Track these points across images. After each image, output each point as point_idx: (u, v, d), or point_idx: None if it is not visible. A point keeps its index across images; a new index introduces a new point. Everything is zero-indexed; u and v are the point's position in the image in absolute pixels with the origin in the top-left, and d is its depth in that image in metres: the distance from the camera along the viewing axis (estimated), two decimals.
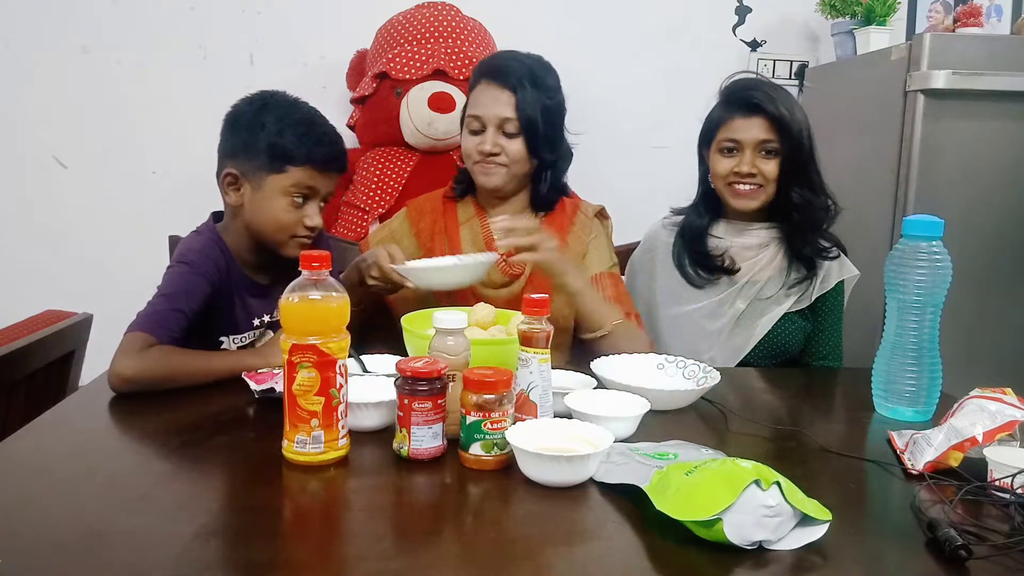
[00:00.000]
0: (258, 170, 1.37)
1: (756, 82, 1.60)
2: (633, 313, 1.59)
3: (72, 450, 1.03)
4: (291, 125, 1.36)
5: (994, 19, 2.78)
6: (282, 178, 1.36)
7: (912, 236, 1.20)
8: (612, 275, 1.63)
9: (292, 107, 1.40)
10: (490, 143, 1.54)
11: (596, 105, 2.78)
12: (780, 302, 1.61)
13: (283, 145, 1.35)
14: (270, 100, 1.40)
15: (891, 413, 1.23)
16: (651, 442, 1.05)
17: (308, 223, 1.39)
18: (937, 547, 0.80)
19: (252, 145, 1.36)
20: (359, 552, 0.79)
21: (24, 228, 2.68)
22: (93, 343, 1.57)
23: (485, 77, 1.56)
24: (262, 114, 1.37)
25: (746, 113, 1.54)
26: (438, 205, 1.68)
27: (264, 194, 1.37)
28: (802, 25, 2.93)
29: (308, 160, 1.37)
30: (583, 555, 0.80)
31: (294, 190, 1.37)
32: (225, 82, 2.62)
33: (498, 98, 1.53)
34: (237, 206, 1.40)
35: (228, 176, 1.39)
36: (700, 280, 1.64)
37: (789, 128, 1.52)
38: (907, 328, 1.22)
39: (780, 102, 1.53)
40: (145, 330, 1.22)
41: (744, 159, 1.55)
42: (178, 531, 0.81)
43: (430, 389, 0.97)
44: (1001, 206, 2.26)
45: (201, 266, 1.35)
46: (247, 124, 1.38)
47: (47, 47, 2.62)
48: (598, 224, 1.67)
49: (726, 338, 1.61)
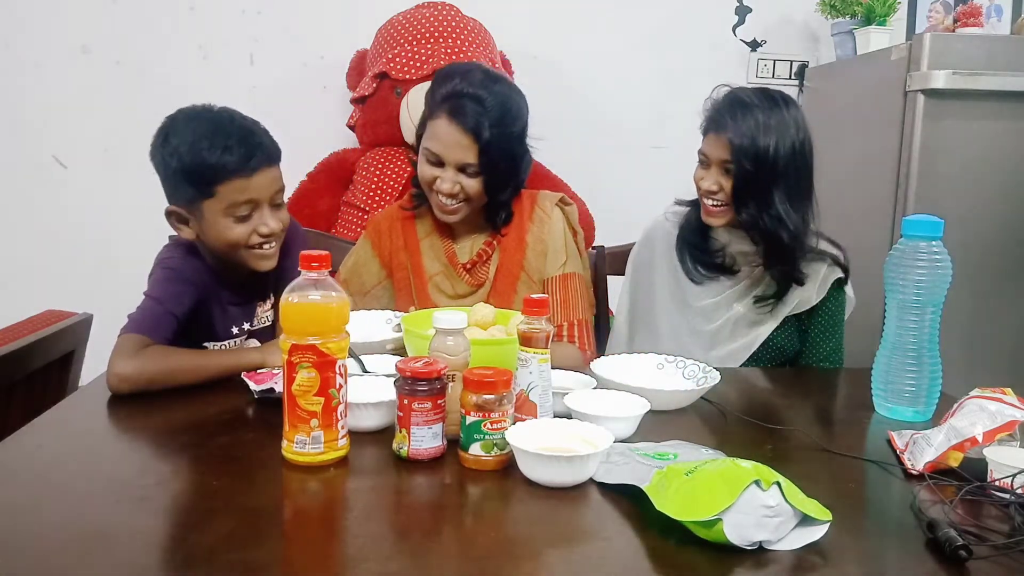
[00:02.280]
0: (191, 201, 1.30)
1: (733, 99, 1.54)
2: (574, 321, 1.55)
3: (72, 450, 1.03)
4: (194, 144, 1.26)
5: (994, 19, 2.78)
6: (214, 202, 1.28)
7: (912, 236, 1.20)
8: (564, 278, 1.58)
9: (190, 122, 1.30)
10: (449, 183, 1.48)
11: (596, 105, 2.80)
12: (778, 310, 1.59)
13: (195, 169, 1.26)
14: (170, 126, 1.31)
15: (891, 413, 1.23)
16: (651, 442, 1.05)
17: (262, 231, 1.32)
18: (937, 547, 0.79)
19: (172, 178, 1.29)
20: (359, 552, 0.79)
21: (24, 228, 2.68)
22: (93, 343, 1.57)
23: (446, 113, 1.46)
24: (166, 144, 1.28)
25: (716, 130, 1.53)
26: (396, 223, 1.65)
27: (207, 221, 1.30)
28: (802, 25, 2.93)
29: (229, 172, 1.26)
30: (583, 555, 0.80)
31: (231, 209, 1.29)
32: (225, 82, 2.64)
33: (459, 141, 1.45)
34: (194, 239, 1.35)
35: (172, 215, 1.33)
36: (699, 277, 1.63)
37: (744, 152, 1.48)
38: (907, 328, 1.22)
39: (746, 127, 1.48)
40: (140, 331, 1.22)
41: (709, 175, 1.54)
42: (178, 531, 0.81)
43: (430, 389, 0.97)
44: (1001, 206, 2.26)
45: (184, 272, 1.34)
46: (161, 160, 1.30)
47: (47, 47, 2.62)
48: (558, 214, 1.61)
49: (723, 341, 1.61)
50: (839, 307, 1.63)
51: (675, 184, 1.74)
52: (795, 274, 1.56)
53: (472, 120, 1.44)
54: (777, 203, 1.51)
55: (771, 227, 1.51)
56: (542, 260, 1.59)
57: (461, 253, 1.61)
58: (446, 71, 1.55)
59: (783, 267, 1.56)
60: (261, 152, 1.30)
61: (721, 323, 1.60)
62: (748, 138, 1.48)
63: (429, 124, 1.51)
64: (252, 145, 1.29)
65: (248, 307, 1.46)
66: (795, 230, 1.52)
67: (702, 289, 1.63)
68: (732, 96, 1.56)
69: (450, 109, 1.46)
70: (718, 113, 1.54)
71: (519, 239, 1.59)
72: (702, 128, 1.58)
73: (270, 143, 1.33)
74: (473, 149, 1.46)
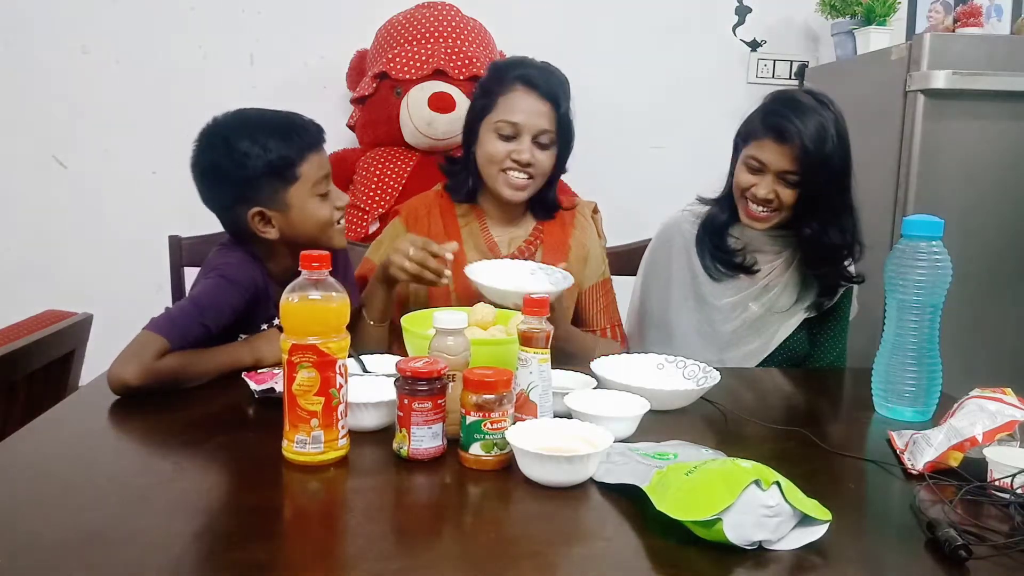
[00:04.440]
0: (274, 194, 1.33)
1: (797, 106, 1.47)
2: (615, 324, 1.63)
3: (72, 450, 1.03)
4: (264, 136, 1.31)
5: (994, 19, 2.78)
6: (299, 185, 1.33)
7: (912, 236, 1.20)
8: (604, 283, 1.66)
9: (248, 122, 1.34)
10: (528, 153, 1.52)
11: (596, 105, 2.79)
12: (795, 312, 1.59)
13: (277, 158, 1.31)
14: (227, 132, 1.34)
15: (891, 413, 1.23)
16: (651, 442, 1.05)
17: (339, 204, 1.39)
18: (937, 547, 0.80)
19: (252, 179, 1.31)
20: (359, 552, 0.79)
21: (24, 228, 2.68)
22: (93, 343, 1.56)
23: (522, 83, 1.52)
24: (233, 149, 1.31)
25: (778, 139, 1.47)
26: (434, 207, 1.64)
27: (295, 208, 1.34)
28: (802, 25, 2.93)
29: (305, 150, 1.34)
30: (583, 555, 0.80)
31: (315, 187, 1.35)
32: (225, 82, 2.64)
33: (538, 109, 1.52)
34: (277, 239, 1.36)
35: (255, 217, 1.34)
36: (718, 274, 1.61)
37: (813, 164, 1.44)
38: (907, 328, 1.22)
39: (812, 134, 1.43)
40: (163, 333, 1.19)
41: (764, 182, 1.49)
42: (178, 531, 0.81)
43: (430, 389, 0.97)
44: (1001, 206, 2.27)
45: (240, 280, 1.33)
46: (229, 167, 1.31)
47: (47, 47, 2.62)
48: (593, 224, 1.68)
49: (739, 342, 1.60)
50: (847, 311, 1.65)
51: (675, 184, 1.74)
52: (845, 274, 1.57)
53: (551, 88, 1.52)
54: (842, 216, 1.51)
55: (833, 240, 1.51)
56: (582, 265, 1.62)
57: (501, 245, 1.61)
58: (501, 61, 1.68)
59: (830, 269, 1.56)
60: (319, 128, 1.39)
61: (739, 323, 1.60)
62: (816, 151, 1.43)
63: (501, 100, 1.53)
64: (311, 124, 1.38)
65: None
66: (852, 240, 1.53)
67: (721, 287, 1.61)
68: (792, 101, 1.49)
69: (527, 79, 1.53)
70: (782, 124, 1.46)
71: (563, 241, 1.62)
72: (756, 129, 1.51)
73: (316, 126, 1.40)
74: (552, 117, 1.52)
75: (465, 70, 2.34)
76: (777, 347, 1.60)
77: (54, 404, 1.20)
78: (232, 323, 1.32)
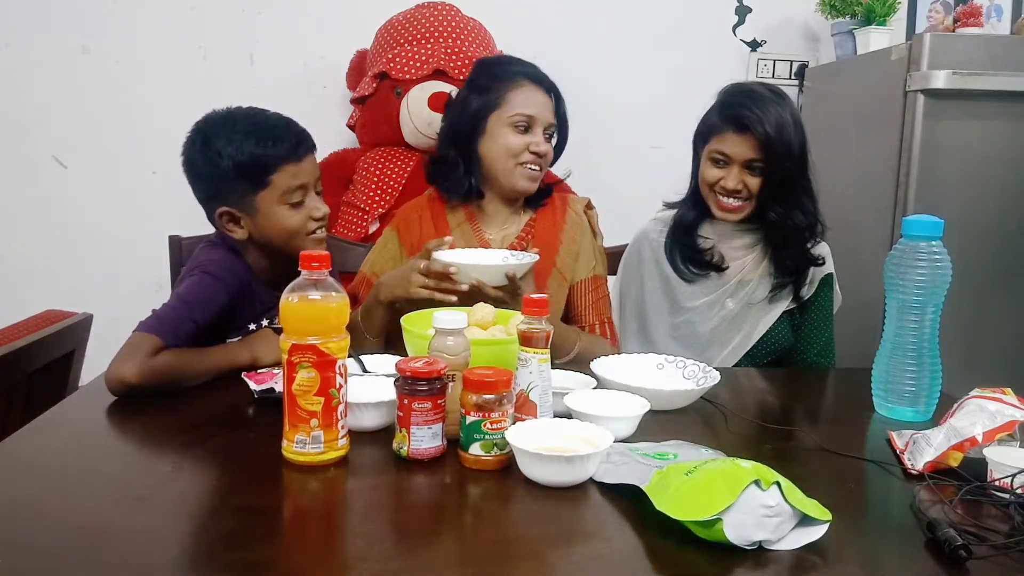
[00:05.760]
0: (244, 196, 1.34)
1: (753, 96, 1.53)
2: (604, 320, 1.63)
3: (72, 450, 1.03)
4: (242, 138, 1.31)
5: (994, 19, 2.79)
6: (269, 191, 1.34)
7: (912, 236, 1.20)
8: (595, 279, 1.66)
9: (232, 121, 1.34)
10: (545, 144, 1.57)
11: (595, 105, 2.79)
12: (774, 304, 1.61)
13: (250, 162, 1.31)
14: (208, 128, 1.35)
15: (891, 413, 1.23)
16: (651, 442, 1.05)
17: (316, 215, 1.38)
18: (937, 547, 0.80)
19: (223, 178, 1.32)
20: (359, 552, 0.79)
21: (24, 228, 2.68)
22: (93, 343, 1.57)
23: (527, 79, 1.57)
24: (210, 145, 1.32)
25: (738, 130, 1.51)
26: (425, 211, 1.64)
27: (263, 213, 1.35)
28: (802, 25, 2.93)
29: (281, 160, 1.33)
30: (583, 555, 0.80)
31: (286, 195, 1.34)
32: (225, 82, 2.64)
33: (545, 103, 1.58)
34: (245, 239, 1.38)
35: (223, 216, 1.36)
36: (690, 275, 1.64)
37: (776, 150, 1.50)
38: (907, 328, 1.22)
39: (772, 121, 1.49)
40: (155, 332, 1.20)
41: (731, 174, 1.54)
42: (178, 531, 0.81)
43: (430, 389, 0.97)
44: (1001, 206, 2.27)
45: (223, 277, 1.34)
46: (204, 163, 1.33)
47: (47, 47, 2.62)
48: (585, 220, 1.68)
49: (720, 339, 1.61)
50: (829, 302, 1.67)
51: (675, 184, 1.74)
52: (809, 256, 1.59)
53: (551, 83, 1.60)
54: (803, 198, 1.56)
55: (797, 222, 1.55)
56: (573, 261, 1.63)
57: (494, 244, 1.62)
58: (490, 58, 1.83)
59: (796, 250, 1.58)
60: (305, 139, 1.38)
61: (717, 321, 1.61)
62: (777, 137, 1.49)
63: (510, 95, 1.56)
64: (296, 133, 1.37)
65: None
66: (814, 220, 1.57)
67: (694, 289, 1.64)
68: (750, 93, 1.55)
69: (530, 75, 1.58)
70: (740, 113, 1.51)
71: (554, 237, 1.63)
72: (714, 125, 1.56)
73: (308, 136, 1.40)
74: (553, 110, 1.60)
75: (465, 70, 2.33)
76: (759, 341, 1.61)
77: (54, 404, 1.20)
78: (219, 320, 1.32)
